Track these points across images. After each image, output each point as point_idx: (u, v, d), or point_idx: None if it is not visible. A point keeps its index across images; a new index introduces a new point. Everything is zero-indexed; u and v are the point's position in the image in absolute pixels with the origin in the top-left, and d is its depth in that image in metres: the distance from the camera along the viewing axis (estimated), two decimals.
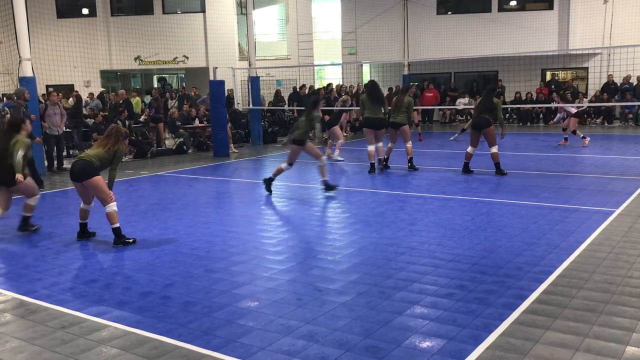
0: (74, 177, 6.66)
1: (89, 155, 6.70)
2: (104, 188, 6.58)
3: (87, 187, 6.64)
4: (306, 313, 4.49)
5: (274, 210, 8.46)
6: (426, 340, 3.97)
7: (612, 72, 20.84)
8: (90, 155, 6.66)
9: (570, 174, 10.53)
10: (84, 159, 6.63)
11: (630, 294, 4.70)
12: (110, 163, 6.76)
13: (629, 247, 5.98)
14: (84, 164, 6.57)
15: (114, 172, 6.79)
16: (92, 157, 6.63)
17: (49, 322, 4.47)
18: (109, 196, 6.58)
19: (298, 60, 25.48)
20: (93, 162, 6.57)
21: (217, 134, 14.98)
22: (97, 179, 6.52)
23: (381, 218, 7.59)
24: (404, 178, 10.91)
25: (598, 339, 3.91)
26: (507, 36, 22.70)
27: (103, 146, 6.72)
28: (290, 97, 19.56)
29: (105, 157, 6.69)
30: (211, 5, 24.21)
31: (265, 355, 3.82)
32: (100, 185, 6.55)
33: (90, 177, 6.51)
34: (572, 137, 14.95)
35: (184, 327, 4.29)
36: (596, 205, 7.97)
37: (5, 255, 6.44)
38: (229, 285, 5.16)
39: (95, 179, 6.51)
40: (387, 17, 25.37)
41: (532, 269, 5.37)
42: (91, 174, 6.51)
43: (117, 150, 6.74)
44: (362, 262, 5.76)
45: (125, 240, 6.64)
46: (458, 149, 14.26)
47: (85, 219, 6.98)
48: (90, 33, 23.66)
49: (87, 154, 6.78)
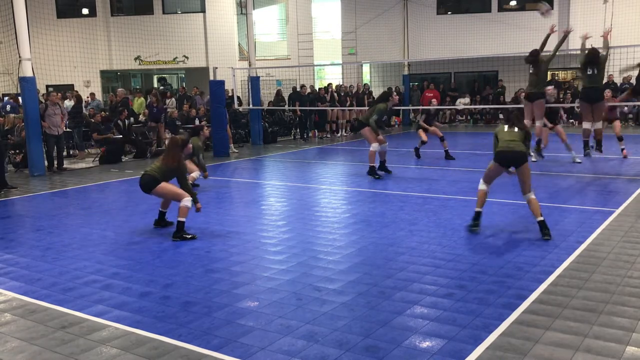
0: (142, 189, 7.06)
1: (152, 169, 7.03)
2: (172, 190, 6.95)
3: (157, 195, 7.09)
4: (306, 313, 4.49)
5: (274, 210, 8.46)
6: (426, 340, 3.97)
7: (612, 72, 20.84)
8: (154, 169, 7.00)
9: (570, 174, 10.53)
10: (148, 173, 6.99)
11: (630, 294, 4.70)
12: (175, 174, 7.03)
13: (629, 247, 5.98)
14: (147, 179, 6.96)
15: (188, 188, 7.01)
16: (155, 170, 6.98)
17: (49, 322, 4.47)
18: (180, 195, 6.88)
19: (298, 60, 25.48)
20: (155, 175, 6.93)
21: (217, 134, 14.98)
22: (161, 187, 6.93)
23: (381, 218, 7.59)
24: (404, 178, 10.91)
25: (598, 339, 3.91)
26: (507, 36, 22.69)
27: (164, 161, 7.06)
28: (290, 97, 19.58)
29: (166, 170, 7.01)
30: (211, 5, 24.22)
31: (265, 355, 3.82)
32: (167, 189, 6.95)
33: (154, 188, 6.93)
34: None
35: (184, 327, 4.29)
36: (596, 205, 7.97)
37: (5, 255, 6.43)
38: (229, 285, 5.16)
39: (159, 187, 6.92)
40: (387, 17, 25.37)
41: (532, 269, 5.37)
42: (154, 185, 6.92)
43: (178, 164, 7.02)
44: (362, 262, 5.76)
45: (184, 235, 6.82)
46: (458, 149, 14.26)
47: (165, 208, 7.40)
48: (90, 33, 23.67)
49: (152, 167, 7.09)
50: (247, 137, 18.18)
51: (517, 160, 6.41)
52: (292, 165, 13.40)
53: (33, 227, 7.72)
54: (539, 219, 6.38)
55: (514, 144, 6.45)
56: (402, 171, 11.66)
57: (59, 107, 13.20)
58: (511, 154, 6.43)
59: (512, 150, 6.42)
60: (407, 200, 8.72)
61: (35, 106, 12.41)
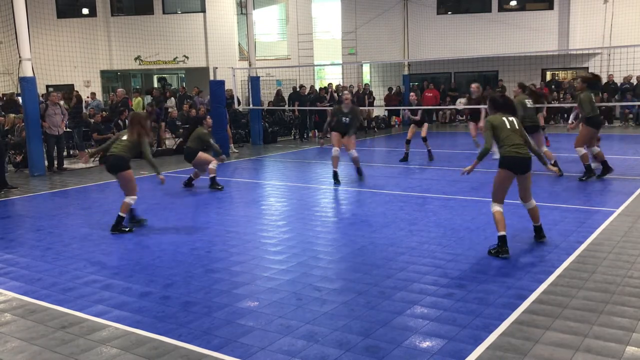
0: (109, 170, 7.27)
1: (118, 148, 7.21)
2: (131, 182, 7.20)
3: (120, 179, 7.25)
4: (306, 313, 4.49)
5: (274, 210, 8.46)
6: (426, 340, 3.97)
7: (612, 72, 20.85)
8: (120, 149, 7.20)
9: (570, 174, 10.52)
10: (115, 154, 7.18)
11: (630, 294, 4.70)
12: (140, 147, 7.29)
13: (629, 247, 5.97)
14: (115, 158, 7.16)
15: (149, 157, 7.31)
16: (122, 150, 7.19)
17: (49, 322, 4.47)
18: (133, 190, 7.19)
19: (298, 60, 25.48)
20: (123, 155, 7.16)
21: (217, 134, 14.97)
22: (127, 174, 7.17)
23: (381, 218, 7.59)
24: (403, 178, 10.91)
25: (598, 339, 3.91)
26: (507, 36, 22.70)
27: (129, 137, 7.27)
28: (290, 97, 19.59)
29: (131, 146, 7.24)
30: (211, 5, 24.21)
31: (265, 355, 3.82)
32: (129, 179, 7.19)
33: (123, 170, 7.15)
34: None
35: (184, 327, 4.29)
36: (596, 205, 7.97)
37: (5, 255, 6.43)
38: (229, 285, 5.16)
39: (126, 173, 7.16)
40: (387, 17, 25.37)
41: (532, 269, 5.37)
42: (122, 167, 7.15)
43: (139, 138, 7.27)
44: (362, 262, 5.76)
45: (122, 228, 7.15)
46: (458, 149, 14.26)
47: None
48: (90, 33, 23.66)
49: (117, 146, 7.26)
50: (247, 137, 18.18)
51: (526, 167, 5.91)
52: (292, 165, 13.41)
53: (33, 227, 7.72)
54: (537, 224, 6.23)
55: (522, 149, 5.88)
56: (403, 171, 11.65)
57: (59, 107, 13.20)
58: (521, 161, 5.86)
59: (522, 157, 5.85)
60: (407, 200, 8.72)
61: (35, 106, 12.41)
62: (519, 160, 5.84)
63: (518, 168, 5.87)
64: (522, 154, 5.85)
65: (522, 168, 5.89)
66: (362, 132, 20.30)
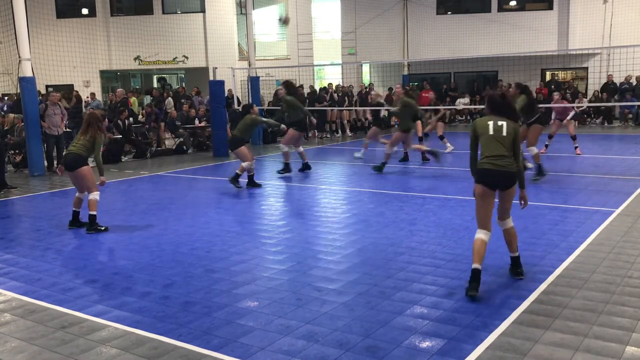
0: (66, 168, 7.34)
1: (76, 146, 7.34)
2: (90, 178, 7.30)
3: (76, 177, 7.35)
4: (306, 313, 4.49)
5: (274, 210, 8.46)
6: (426, 340, 3.97)
7: (612, 72, 20.86)
8: (78, 147, 7.33)
9: (570, 174, 10.53)
10: (73, 152, 7.32)
11: (630, 294, 4.70)
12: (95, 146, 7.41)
13: (629, 247, 5.98)
14: (73, 156, 7.28)
15: (98, 158, 7.44)
16: (79, 148, 7.32)
17: (49, 322, 4.47)
18: (94, 186, 7.32)
19: (298, 60, 25.49)
20: (81, 153, 7.30)
21: (217, 134, 14.98)
22: (84, 169, 7.28)
23: (381, 218, 7.59)
24: (403, 178, 10.91)
25: (598, 339, 3.91)
26: (506, 36, 22.70)
27: (84, 135, 7.40)
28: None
29: (88, 145, 7.35)
30: (211, 5, 24.21)
31: (265, 355, 3.82)
32: (87, 175, 7.29)
33: (80, 167, 7.25)
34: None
35: (184, 327, 4.29)
36: (596, 205, 7.97)
37: (5, 255, 6.43)
38: (229, 285, 5.16)
39: (83, 169, 7.27)
40: (387, 17, 25.38)
41: (532, 269, 5.37)
42: (80, 164, 7.26)
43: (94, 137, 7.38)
44: (362, 262, 5.76)
45: (97, 227, 7.23)
46: (458, 149, 14.26)
47: (78, 208, 7.52)
48: (90, 33, 23.65)
49: (75, 144, 7.40)
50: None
51: (506, 181, 4.85)
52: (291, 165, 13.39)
53: (33, 227, 7.72)
54: (513, 255, 5.15)
55: (501, 161, 4.81)
56: (402, 171, 11.65)
57: (59, 107, 13.19)
58: (496, 174, 4.82)
59: (497, 170, 4.81)
60: (407, 200, 8.72)
61: (35, 106, 12.42)
62: (494, 173, 4.81)
63: (493, 183, 4.86)
64: (499, 165, 4.80)
65: (500, 183, 4.86)
66: (362, 131, 20.27)
